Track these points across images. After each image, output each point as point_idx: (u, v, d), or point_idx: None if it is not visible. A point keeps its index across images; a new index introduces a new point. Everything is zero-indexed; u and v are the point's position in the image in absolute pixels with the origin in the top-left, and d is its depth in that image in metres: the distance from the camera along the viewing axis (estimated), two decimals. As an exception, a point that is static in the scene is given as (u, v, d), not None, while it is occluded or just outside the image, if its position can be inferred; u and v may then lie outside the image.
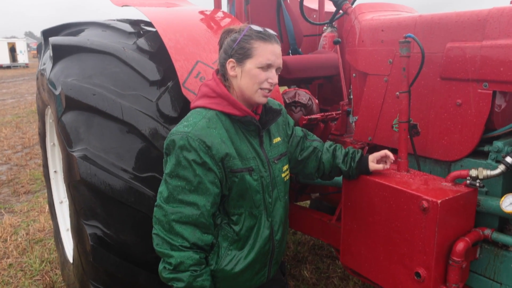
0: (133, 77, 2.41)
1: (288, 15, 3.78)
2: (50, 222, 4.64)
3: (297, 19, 3.91)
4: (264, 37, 1.70)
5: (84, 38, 2.57)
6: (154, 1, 3.42)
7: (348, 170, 2.05)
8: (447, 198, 1.75)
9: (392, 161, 2.03)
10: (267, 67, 1.69)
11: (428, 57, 2.08)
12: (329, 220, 2.76)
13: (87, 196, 2.25)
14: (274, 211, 1.84)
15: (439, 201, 1.73)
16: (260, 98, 1.73)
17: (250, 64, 1.68)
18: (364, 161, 2.05)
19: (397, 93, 2.24)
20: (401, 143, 2.07)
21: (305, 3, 4.15)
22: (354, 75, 2.66)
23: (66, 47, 2.50)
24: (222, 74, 1.78)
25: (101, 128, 2.27)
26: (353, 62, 2.57)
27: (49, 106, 2.94)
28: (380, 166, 2.03)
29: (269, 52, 1.69)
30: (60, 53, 2.50)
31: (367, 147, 2.77)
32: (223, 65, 1.76)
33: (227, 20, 3.03)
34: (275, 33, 1.76)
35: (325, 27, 3.77)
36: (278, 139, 1.91)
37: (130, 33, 2.70)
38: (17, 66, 39.12)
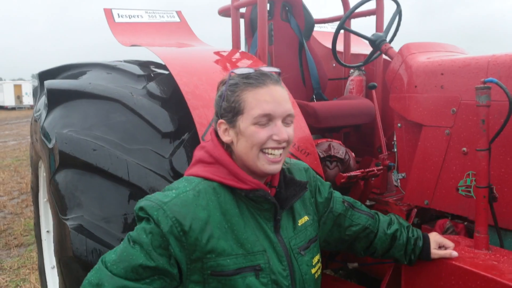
0: (142, 128, 2.02)
1: (311, 58, 3.44)
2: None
3: (321, 61, 3.57)
4: (253, 82, 1.26)
5: (85, 81, 2.20)
6: (165, 41, 3.10)
7: (407, 262, 1.64)
8: None
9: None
10: (267, 120, 1.24)
11: (507, 106, 1.68)
12: (374, 298, 2.28)
13: (81, 277, 1.79)
14: None
15: (554, 300, 1.28)
16: (265, 166, 1.25)
17: (243, 123, 1.25)
18: (426, 248, 1.62)
19: (469, 148, 1.84)
20: (480, 214, 1.64)
21: (329, 44, 3.84)
22: (399, 125, 2.27)
23: (63, 91, 2.12)
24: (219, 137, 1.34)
25: (102, 191, 1.86)
26: (401, 110, 2.17)
27: (42, 159, 2.54)
28: (446, 253, 1.59)
29: (264, 100, 1.24)
30: (57, 98, 2.12)
31: (415, 210, 2.34)
32: (216, 129, 1.34)
33: (249, 61, 2.67)
34: (274, 70, 1.33)
35: (352, 71, 3.43)
36: (306, 218, 1.42)
37: (139, 76, 2.34)
38: (22, 108, 39.55)
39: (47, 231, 3.03)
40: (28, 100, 40.53)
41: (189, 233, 1.17)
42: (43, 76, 2.51)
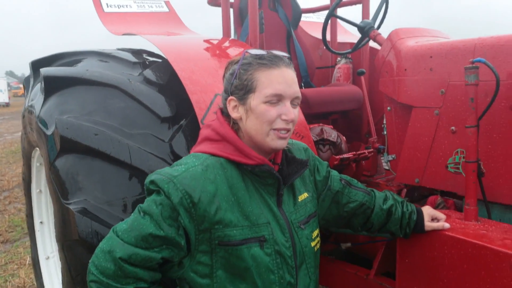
0: (141, 114, 2.04)
1: (299, 46, 3.50)
2: (32, 276, 4.12)
3: (309, 50, 3.64)
4: (266, 63, 1.32)
5: (82, 68, 2.20)
6: (155, 30, 3.11)
7: (402, 235, 1.73)
8: (549, 257, 1.41)
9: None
10: (277, 100, 1.30)
11: (493, 85, 1.77)
12: (367, 275, 2.37)
13: (85, 260, 1.82)
14: None
15: (541, 262, 1.37)
16: (274, 142, 1.32)
17: (254, 100, 1.31)
18: (420, 221, 1.70)
19: (457, 126, 1.94)
20: (469, 187, 1.73)
21: (315, 34, 3.91)
22: (389, 108, 2.35)
23: (60, 79, 2.12)
24: (227, 115, 1.40)
25: (104, 175, 1.88)
26: (391, 93, 2.26)
27: (37, 148, 2.54)
28: (438, 225, 1.68)
29: (277, 80, 1.30)
30: (54, 86, 2.12)
31: (405, 189, 2.43)
32: (225, 106, 1.39)
33: (240, 49, 2.72)
34: (284, 54, 1.38)
35: (338, 59, 3.51)
36: (305, 195, 1.49)
37: (134, 63, 2.35)
38: (-4, 105, 38.56)
39: (41, 222, 3.02)
40: (3, 97, 39.44)
41: (198, 204, 1.22)
42: (36, 65, 2.50)
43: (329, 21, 2.83)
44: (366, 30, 2.55)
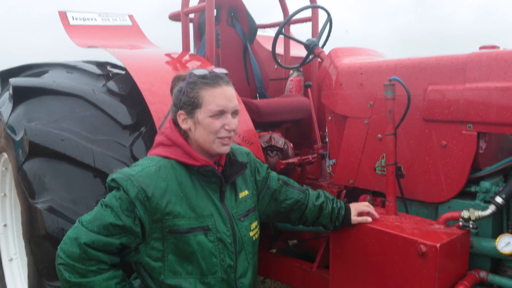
0: (104, 122, 2.25)
1: (254, 60, 3.78)
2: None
3: (264, 63, 3.93)
4: (209, 82, 1.55)
5: (49, 79, 2.39)
6: (119, 43, 3.31)
7: (332, 228, 2.00)
8: (445, 241, 1.71)
9: (376, 216, 1.98)
10: (220, 113, 1.55)
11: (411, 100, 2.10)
12: (310, 268, 2.64)
13: (51, 253, 2.01)
14: (241, 277, 1.63)
15: (438, 245, 1.68)
16: (220, 148, 1.57)
17: (201, 115, 1.54)
18: (347, 215, 1.97)
19: (383, 135, 2.24)
20: (389, 186, 2.03)
21: (270, 48, 4.19)
22: (330, 118, 2.65)
23: (28, 88, 2.31)
24: (177, 124, 1.63)
25: (70, 176, 2.08)
26: (330, 105, 2.56)
27: (3, 154, 2.69)
28: (362, 219, 1.96)
29: (219, 98, 1.54)
30: (22, 95, 2.30)
31: (344, 191, 2.73)
32: (175, 118, 1.62)
33: (197, 63, 2.97)
34: (223, 72, 1.64)
35: (291, 72, 3.80)
36: (246, 192, 1.74)
37: (98, 75, 2.56)
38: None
39: (4, 225, 3.13)
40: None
41: (151, 198, 1.46)
42: (4, 75, 2.66)
43: (279, 38, 3.11)
44: (311, 48, 2.84)
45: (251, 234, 1.70)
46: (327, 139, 2.76)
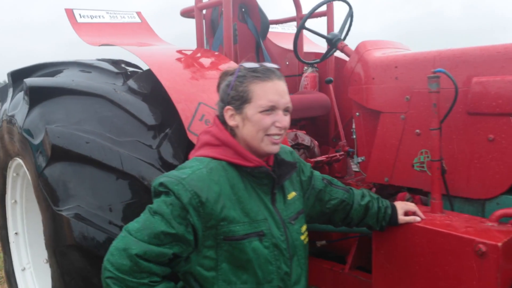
0: (128, 122, 2.13)
1: (268, 56, 3.68)
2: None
3: (276, 59, 3.82)
4: (260, 76, 1.44)
5: (67, 79, 2.25)
6: (129, 41, 3.18)
7: (378, 228, 1.89)
8: (505, 240, 1.62)
9: (422, 216, 1.87)
10: (271, 109, 1.43)
11: (452, 92, 2.00)
12: (342, 270, 2.54)
13: (79, 264, 1.89)
14: (295, 284, 1.53)
15: (499, 244, 1.59)
16: (269, 147, 1.45)
17: (250, 110, 1.43)
18: (394, 215, 1.87)
19: (421, 130, 2.15)
20: (435, 183, 1.94)
21: (281, 44, 4.10)
22: (357, 114, 2.55)
23: (45, 89, 2.17)
24: (223, 122, 1.52)
25: (95, 181, 1.95)
26: (360, 100, 2.46)
27: (16, 158, 2.54)
28: (410, 219, 1.86)
29: (270, 92, 1.43)
30: (39, 96, 2.16)
31: (374, 189, 2.63)
32: (222, 114, 1.51)
33: (216, 58, 2.85)
34: (275, 66, 1.52)
35: (305, 68, 3.70)
36: (293, 193, 1.63)
37: (116, 73, 2.43)
38: None
39: (16, 233, 2.99)
40: None
41: (205, 203, 1.34)
42: (16, 75, 2.52)
43: (285, 34, 3.02)
44: (334, 42, 2.74)
45: (302, 238, 1.59)
46: (354, 136, 2.66)
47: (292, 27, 4.62)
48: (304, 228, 1.63)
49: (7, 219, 2.99)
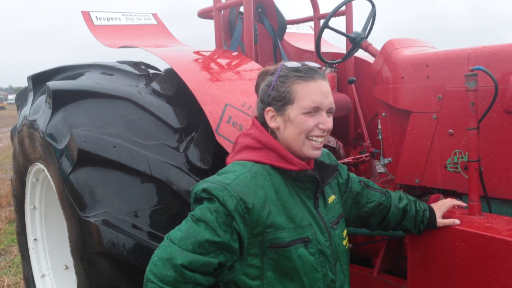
0: (154, 125, 2.08)
1: (286, 57, 3.62)
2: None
3: (292, 60, 3.76)
4: (303, 75, 1.38)
5: (91, 81, 2.21)
6: (147, 42, 3.14)
7: (416, 232, 1.82)
8: (555, 244, 1.56)
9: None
10: (314, 111, 1.37)
11: (489, 91, 1.94)
12: (370, 274, 2.48)
13: (108, 272, 1.84)
14: None
15: (550, 248, 1.52)
16: (309, 152, 1.39)
17: (293, 111, 1.37)
18: (432, 218, 1.80)
19: (455, 129, 2.09)
20: (472, 184, 1.87)
21: (297, 44, 4.04)
22: (384, 114, 2.49)
23: (69, 92, 2.12)
24: (263, 123, 1.46)
25: (123, 186, 1.90)
26: (388, 100, 2.39)
27: (36, 163, 2.50)
28: (449, 222, 1.78)
29: (314, 93, 1.36)
30: (62, 100, 2.11)
31: (401, 190, 2.57)
32: (262, 116, 1.45)
33: (238, 59, 2.80)
34: (318, 66, 1.46)
35: (324, 68, 3.64)
36: (333, 197, 1.56)
37: (139, 75, 2.38)
38: None
39: (35, 239, 2.95)
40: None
41: (252, 210, 1.28)
42: (36, 79, 2.48)
43: (302, 34, 2.95)
44: (358, 41, 2.68)
45: (344, 242, 1.53)
46: (379, 137, 2.60)
47: (306, 28, 4.57)
48: (345, 232, 1.57)
49: (26, 225, 2.95)
